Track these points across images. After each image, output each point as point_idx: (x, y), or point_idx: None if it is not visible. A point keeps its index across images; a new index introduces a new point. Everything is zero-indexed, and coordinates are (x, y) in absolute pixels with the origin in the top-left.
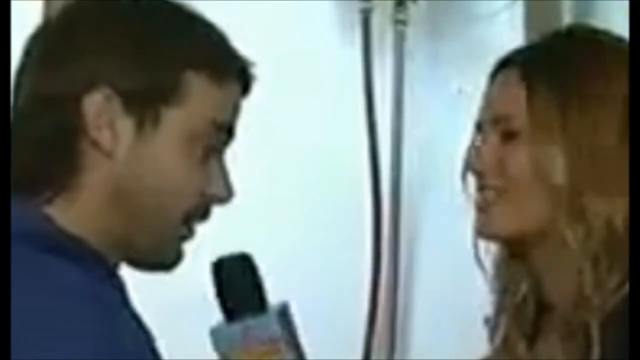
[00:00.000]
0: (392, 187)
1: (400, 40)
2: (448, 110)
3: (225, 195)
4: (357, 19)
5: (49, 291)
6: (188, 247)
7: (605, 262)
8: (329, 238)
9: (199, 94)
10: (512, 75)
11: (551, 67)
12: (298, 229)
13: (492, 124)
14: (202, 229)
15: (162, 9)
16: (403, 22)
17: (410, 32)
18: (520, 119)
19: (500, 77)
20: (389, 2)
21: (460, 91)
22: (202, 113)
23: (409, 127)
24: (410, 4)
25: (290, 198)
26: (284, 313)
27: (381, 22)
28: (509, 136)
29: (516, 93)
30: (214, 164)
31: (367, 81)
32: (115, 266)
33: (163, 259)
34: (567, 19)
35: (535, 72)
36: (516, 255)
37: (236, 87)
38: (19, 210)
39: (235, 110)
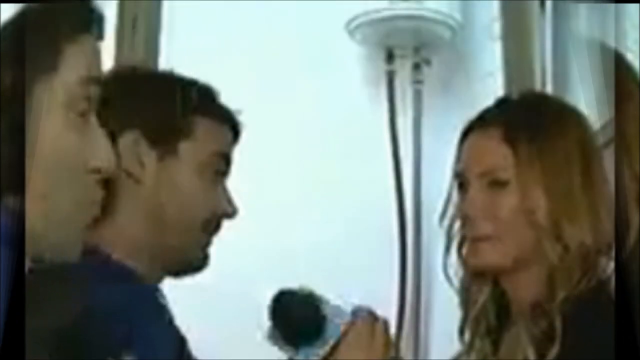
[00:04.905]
0: (415, 208)
1: (418, 96)
2: None
3: (231, 211)
4: (382, 79)
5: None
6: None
7: (577, 272)
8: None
9: (205, 131)
10: (494, 133)
11: (528, 127)
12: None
13: (478, 176)
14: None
15: (166, 75)
16: (420, 82)
17: (426, 89)
18: (508, 170)
19: (481, 133)
20: (408, 65)
21: None
22: (208, 145)
23: (427, 169)
24: (424, 68)
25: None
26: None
27: (402, 82)
28: (498, 185)
29: (500, 149)
30: (221, 188)
31: (392, 129)
32: (158, 281)
33: (191, 261)
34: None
35: (516, 131)
36: (485, 276)
37: (227, 128)
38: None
39: (231, 146)
